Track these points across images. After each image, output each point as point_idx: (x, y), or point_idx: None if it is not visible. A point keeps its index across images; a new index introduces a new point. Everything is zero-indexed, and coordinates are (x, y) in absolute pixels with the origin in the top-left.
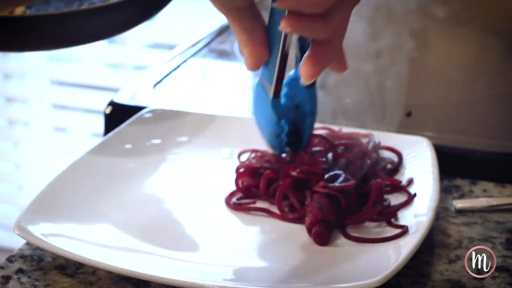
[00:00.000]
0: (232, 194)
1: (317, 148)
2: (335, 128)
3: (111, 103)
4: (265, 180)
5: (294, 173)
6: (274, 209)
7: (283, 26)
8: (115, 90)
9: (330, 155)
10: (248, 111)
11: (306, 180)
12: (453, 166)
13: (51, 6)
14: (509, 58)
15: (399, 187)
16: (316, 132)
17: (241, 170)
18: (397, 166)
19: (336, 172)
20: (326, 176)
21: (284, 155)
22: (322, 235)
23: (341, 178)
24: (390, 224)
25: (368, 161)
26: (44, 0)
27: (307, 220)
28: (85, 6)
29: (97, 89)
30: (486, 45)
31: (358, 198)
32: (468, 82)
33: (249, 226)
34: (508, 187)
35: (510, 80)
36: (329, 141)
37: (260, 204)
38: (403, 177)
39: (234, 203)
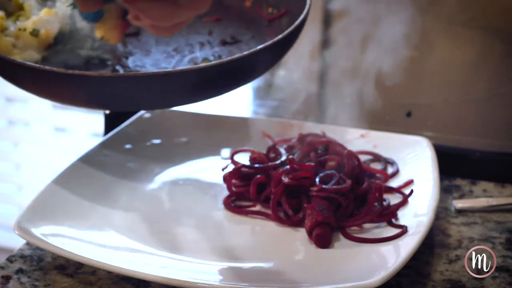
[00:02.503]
0: (229, 196)
1: (296, 152)
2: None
3: None
4: (255, 185)
5: (285, 180)
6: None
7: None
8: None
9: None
10: (248, 111)
11: (298, 186)
12: (453, 166)
13: (150, 58)
14: (509, 58)
15: (395, 189)
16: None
17: (228, 174)
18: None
19: (328, 172)
20: (318, 178)
21: None
22: (323, 238)
23: (335, 179)
24: (390, 224)
25: (356, 162)
26: (144, 51)
27: (308, 223)
28: (187, 59)
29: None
30: (486, 45)
31: (355, 198)
32: (468, 82)
33: (248, 226)
34: (508, 187)
35: (510, 80)
36: (309, 143)
37: (259, 205)
38: (403, 177)
39: (233, 206)
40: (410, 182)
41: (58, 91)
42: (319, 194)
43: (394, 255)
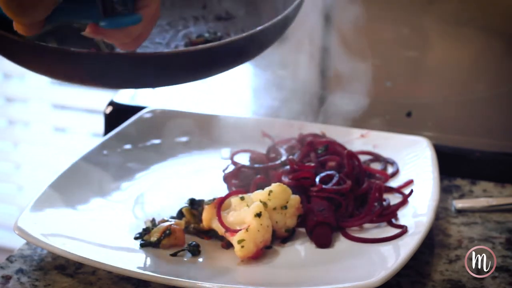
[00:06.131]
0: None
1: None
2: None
3: (111, 103)
4: (255, 185)
5: (286, 180)
6: None
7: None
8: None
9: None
10: (248, 111)
11: (298, 186)
12: (453, 166)
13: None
14: (509, 58)
15: (395, 189)
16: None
17: (228, 174)
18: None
19: (328, 172)
20: (319, 178)
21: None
22: (323, 238)
23: (335, 179)
24: (390, 224)
25: (356, 162)
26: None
27: (308, 222)
28: (181, 34)
29: (97, 89)
30: (486, 45)
31: (355, 199)
32: (468, 82)
33: None
34: (508, 187)
35: (510, 80)
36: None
37: None
38: (403, 177)
39: None
40: (410, 182)
41: (60, 69)
42: (319, 194)
43: (394, 255)
